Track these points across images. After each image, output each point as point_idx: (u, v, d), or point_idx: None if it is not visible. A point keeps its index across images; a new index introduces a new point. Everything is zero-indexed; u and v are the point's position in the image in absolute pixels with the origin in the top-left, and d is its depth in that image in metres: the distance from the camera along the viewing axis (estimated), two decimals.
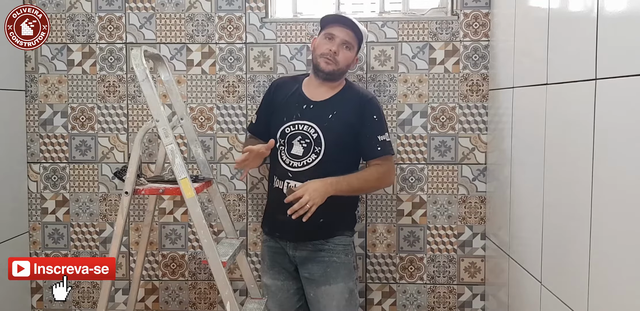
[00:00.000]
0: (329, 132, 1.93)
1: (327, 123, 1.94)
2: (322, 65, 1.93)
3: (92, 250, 2.39)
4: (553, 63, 1.56)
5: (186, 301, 2.39)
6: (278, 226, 2.00)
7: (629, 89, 1.12)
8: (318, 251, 1.96)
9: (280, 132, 1.97)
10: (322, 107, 1.97)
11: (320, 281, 1.95)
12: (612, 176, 1.20)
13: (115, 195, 2.37)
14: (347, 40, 1.94)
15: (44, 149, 2.38)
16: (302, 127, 1.95)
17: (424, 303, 2.34)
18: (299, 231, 1.91)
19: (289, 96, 2.02)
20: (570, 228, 1.41)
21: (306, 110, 1.97)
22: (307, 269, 1.98)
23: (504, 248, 2.04)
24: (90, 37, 2.34)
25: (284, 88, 2.05)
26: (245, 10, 2.30)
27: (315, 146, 1.93)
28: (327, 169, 1.91)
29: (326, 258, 1.96)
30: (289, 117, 1.97)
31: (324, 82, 1.98)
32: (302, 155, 1.94)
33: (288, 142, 1.96)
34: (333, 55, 1.92)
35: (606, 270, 1.23)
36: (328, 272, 1.95)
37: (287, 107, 1.99)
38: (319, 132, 1.93)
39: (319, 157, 1.93)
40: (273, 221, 2.03)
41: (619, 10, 1.20)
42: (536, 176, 1.66)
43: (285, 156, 1.96)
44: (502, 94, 2.08)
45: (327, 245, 1.97)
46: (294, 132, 1.96)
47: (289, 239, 1.99)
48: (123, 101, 2.35)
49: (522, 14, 1.88)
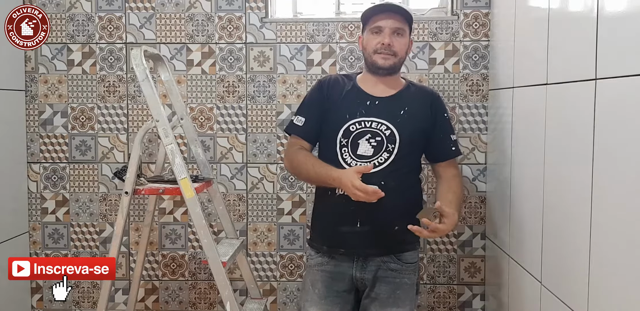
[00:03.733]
0: (403, 129, 1.74)
1: (400, 119, 1.75)
2: (380, 62, 1.75)
3: (92, 250, 2.39)
4: (553, 63, 1.56)
5: (186, 301, 2.39)
6: (344, 240, 1.74)
7: (629, 89, 1.12)
8: (388, 270, 1.75)
9: (344, 131, 1.75)
10: (389, 104, 1.78)
11: (387, 303, 1.75)
12: (612, 176, 1.20)
13: (115, 195, 2.37)
14: (396, 26, 1.75)
15: (44, 149, 2.37)
16: (371, 125, 1.75)
17: (424, 303, 2.34)
18: (371, 241, 1.72)
19: (346, 92, 1.81)
20: (570, 228, 1.41)
21: (371, 106, 1.77)
22: (375, 290, 1.76)
23: (504, 248, 2.03)
24: (90, 37, 2.34)
25: (337, 85, 1.84)
26: (245, 10, 2.30)
27: (388, 143, 1.73)
28: (399, 171, 1.73)
29: (397, 279, 1.76)
30: (352, 114, 1.76)
31: (384, 77, 1.80)
32: (372, 155, 1.73)
33: (353, 142, 1.75)
34: (388, 47, 1.74)
35: (606, 270, 1.23)
36: (397, 294, 1.75)
37: (346, 104, 1.78)
38: (392, 129, 1.74)
39: (392, 156, 1.73)
40: (337, 234, 1.75)
41: (619, 10, 1.20)
42: (536, 176, 1.66)
43: (349, 157, 1.75)
44: (502, 94, 2.08)
45: (398, 264, 1.77)
46: (361, 130, 1.74)
47: (357, 254, 1.75)
48: (123, 101, 2.35)
49: (522, 14, 1.88)
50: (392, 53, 1.76)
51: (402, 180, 1.75)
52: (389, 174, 1.72)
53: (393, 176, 1.72)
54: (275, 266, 2.36)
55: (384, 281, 1.76)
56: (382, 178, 1.70)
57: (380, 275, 1.76)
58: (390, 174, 1.72)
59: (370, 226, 1.69)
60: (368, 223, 1.69)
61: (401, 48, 1.77)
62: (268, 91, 2.31)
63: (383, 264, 1.76)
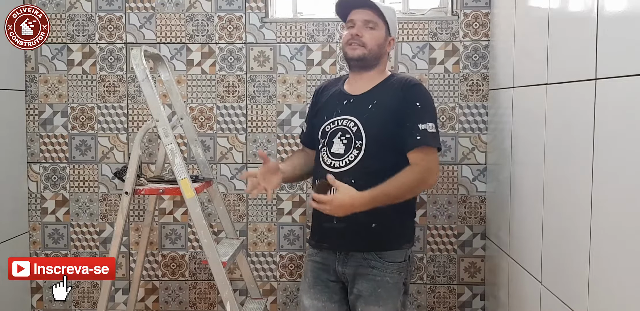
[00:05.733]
0: (369, 123, 1.72)
1: (367, 114, 1.73)
2: (350, 52, 1.75)
3: (92, 250, 2.39)
4: (553, 63, 1.56)
5: (186, 301, 2.39)
6: (325, 235, 1.77)
7: (629, 89, 1.12)
8: (369, 267, 1.73)
9: (321, 132, 1.79)
10: (362, 100, 1.78)
11: (369, 300, 1.74)
12: (612, 176, 1.20)
13: (115, 195, 2.37)
14: (366, 19, 1.74)
15: (44, 149, 2.37)
16: (342, 123, 1.76)
17: (424, 303, 2.34)
18: (349, 237, 1.72)
19: (330, 95, 1.85)
20: (570, 228, 1.41)
21: (346, 105, 1.78)
22: (357, 286, 1.76)
23: (504, 248, 2.03)
24: (90, 37, 2.34)
25: (326, 90, 1.88)
26: (245, 10, 2.30)
27: (355, 140, 1.72)
28: (371, 167, 1.69)
29: (378, 277, 1.73)
30: (330, 115, 1.79)
31: (361, 72, 1.79)
32: (344, 153, 1.73)
33: (329, 141, 1.77)
34: (357, 38, 1.73)
35: (606, 270, 1.23)
36: (379, 293, 1.74)
37: (328, 106, 1.83)
38: (358, 125, 1.73)
39: (361, 152, 1.71)
40: (320, 229, 1.79)
41: (619, 10, 1.20)
42: (536, 176, 1.66)
43: (326, 156, 1.76)
44: (502, 94, 2.08)
45: (380, 262, 1.73)
46: (333, 129, 1.77)
47: (337, 248, 1.77)
48: (123, 101, 2.35)
49: (522, 14, 1.88)
50: (361, 43, 1.74)
51: (373, 177, 1.67)
52: (358, 172, 1.69)
53: (363, 173, 1.68)
54: (275, 266, 2.36)
55: (365, 278, 1.74)
56: (351, 176, 1.68)
57: (361, 271, 1.75)
58: (359, 172, 1.69)
59: (345, 223, 1.68)
60: (344, 220, 1.66)
61: (372, 40, 1.75)
62: (268, 91, 2.31)
63: (364, 261, 1.74)
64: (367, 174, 1.67)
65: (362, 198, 1.59)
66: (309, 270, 1.83)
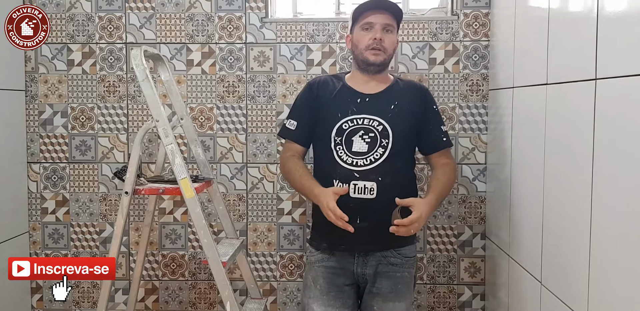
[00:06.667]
0: (395, 123, 1.77)
1: (391, 114, 1.78)
2: (372, 58, 1.77)
3: (92, 250, 2.39)
4: (553, 63, 1.56)
5: (186, 301, 2.39)
6: (344, 237, 1.68)
7: (629, 89, 1.12)
8: (389, 265, 1.78)
9: (337, 130, 1.78)
10: (379, 99, 1.80)
11: (389, 297, 1.77)
12: (612, 176, 1.20)
13: (115, 195, 2.37)
14: (387, 23, 1.77)
15: (44, 149, 2.37)
16: (364, 121, 1.77)
17: (424, 303, 2.34)
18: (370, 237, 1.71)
19: (336, 91, 1.83)
20: (570, 228, 1.41)
21: (362, 104, 1.79)
22: (376, 284, 1.78)
23: (504, 248, 2.03)
24: (90, 37, 2.34)
25: (326, 85, 1.86)
26: (245, 10, 2.30)
27: (382, 138, 1.75)
28: (395, 165, 1.75)
29: (398, 273, 1.78)
30: (344, 112, 1.78)
31: (374, 75, 1.82)
32: (367, 151, 1.75)
33: (347, 140, 1.77)
34: (380, 42, 1.75)
35: (606, 270, 1.23)
36: (398, 289, 1.78)
37: (337, 103, 1.81)
38: (384, 124, 1.76)
39: (387, 151, 1.74)
40: (337, 231, 1.66)
41: (619, 10, 1.20)
42: (536, 176, 1.66)
43: (345, 155, 1.76)
44: (502, 94, 2.08)
45: (398, 258, 1.79)
46: (353, 128, 1.77)
47: (358, 250, 1.77)
48: (123, 101, 2.35)
49: (522, 14, 1.88)
50: (383, 49, 1.77)
51: (398, 175, 1.77)
52: (385, 170, 1.73)
53: (389, 171, 1.73)
54: (275, 266, 2.36)
55: (385, 276, 1.78)
56: (378, 173, 1.72)
57: (381, 269, 1.78)
58: (386, 170, 1.73)
59: (369, 222, 1.69)
60: (367, 219, 1.70)
61: (391, 45, 1.80)
62: (268, 91, 2.31)
63: (384, 259, 1.78)
64: (392, 172, 1.74)
65: (432, 204, 1.69)
66: (321, 276, 1.81)
